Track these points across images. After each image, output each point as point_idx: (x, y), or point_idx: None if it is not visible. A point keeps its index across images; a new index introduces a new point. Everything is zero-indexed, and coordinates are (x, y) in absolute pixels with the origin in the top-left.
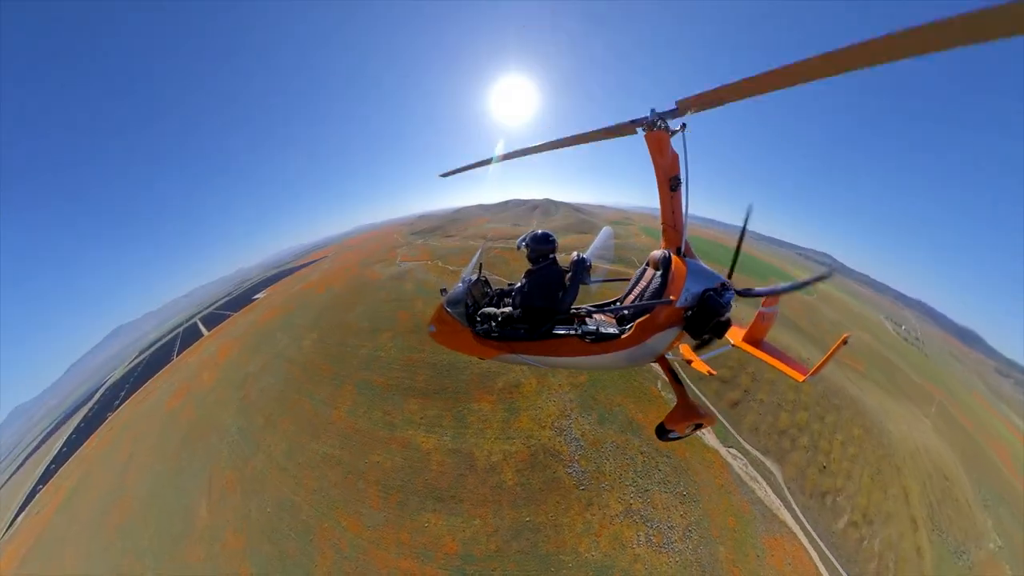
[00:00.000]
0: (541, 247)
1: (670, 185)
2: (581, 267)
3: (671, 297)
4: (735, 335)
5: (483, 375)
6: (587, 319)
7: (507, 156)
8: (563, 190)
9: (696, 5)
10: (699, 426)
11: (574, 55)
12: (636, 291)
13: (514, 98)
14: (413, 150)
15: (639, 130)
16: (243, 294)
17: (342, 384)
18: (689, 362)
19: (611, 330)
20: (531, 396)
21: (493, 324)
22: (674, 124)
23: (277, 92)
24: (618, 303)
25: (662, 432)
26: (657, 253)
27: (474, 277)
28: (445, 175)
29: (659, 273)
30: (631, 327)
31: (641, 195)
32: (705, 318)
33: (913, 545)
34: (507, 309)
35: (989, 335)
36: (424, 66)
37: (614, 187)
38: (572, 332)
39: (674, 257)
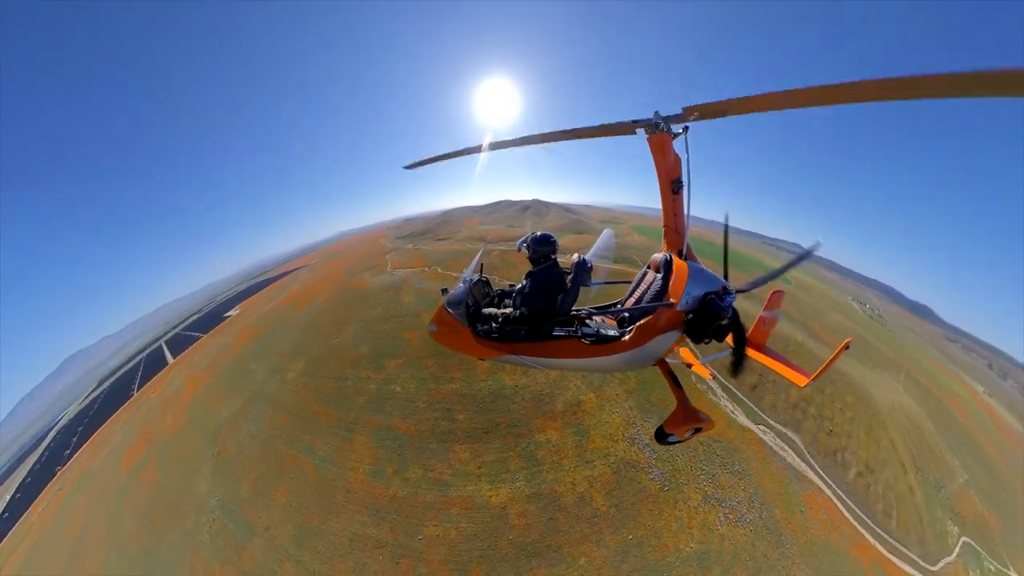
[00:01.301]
0: (542, 248)
1: (672, 188)
2: (582, 269)
3: (672, 300)
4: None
5: (537, 399)
6: (587, 321)
7: (497, 145)
8: (548, 190)
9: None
10: (698, 430)
11: (556, 55)
12: (637, 294)
13: (497, 100)
14: (394, 154)
15: (639, 131)
16: (214, 311)
17: (352, 434)
18: (689, 366)
19: (611, 332)
20: (595, 412)
21: (493, 324)
22: (676, 127)
23: (249, 90)
24: (619, 305)
25: (661, 436)
26: (658, 256)
27: (475, 277)
28: (411, 167)
29: (660, 276)
30: (631, 329)
31: (628, 195)
32: (706, 321)
33: (906, 485)
34: (508, 310)
35: (938, 308)
36: (401, 67)
37: (599, 187)
38: (572, 334)
39: (675, 260)
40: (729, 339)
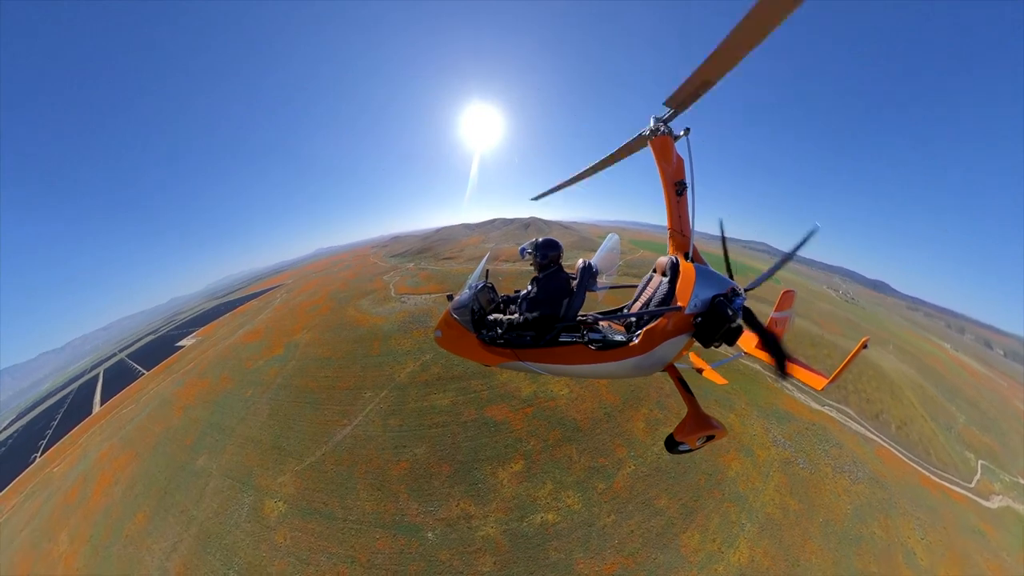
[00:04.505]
0: (548, 253)
1: (676, 190)
2: (587, 274)
3: (680, 303)
4: (747, 342)
5: (710, 443)
6: (594, 326)
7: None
8: (540, 210)
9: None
10: (710, 438)
11: (531, 74)
12: (644, 298)
13: (480, 124)
14: (375, 167)
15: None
16: (169, 335)
17: None
18: (700, 371)
19: (619, 337)
20: (743, 430)
21: (499, 330)
22: (677, 129)
23: (236, 91)
24: (625, 310)
25: (671, 445)
26: (664, 259)
27: (481, 283)
28: (536, 198)
29: (667, 279)
30: (639, 334)
31: (621, 211)
32: (715, 324)
33: (930, 430)
34: (513, 316)
35: (894, 282)
36: (392, 73)
37: (587, 207)
38: (579, 339)
39: (682, 262)
40: (746, 342)
